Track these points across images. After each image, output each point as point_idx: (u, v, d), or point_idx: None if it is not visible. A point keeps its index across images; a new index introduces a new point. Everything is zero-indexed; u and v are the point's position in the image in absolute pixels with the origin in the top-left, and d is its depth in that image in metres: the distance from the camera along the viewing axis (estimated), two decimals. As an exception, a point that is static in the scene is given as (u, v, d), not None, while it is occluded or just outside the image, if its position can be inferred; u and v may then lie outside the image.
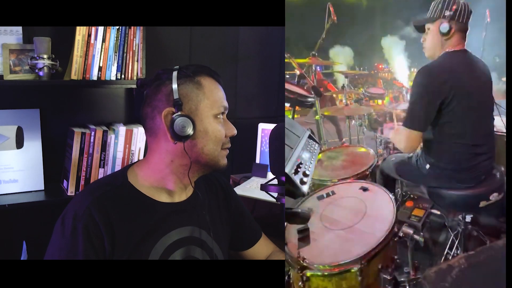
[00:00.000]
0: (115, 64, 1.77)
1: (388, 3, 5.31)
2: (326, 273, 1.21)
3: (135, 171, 1.12)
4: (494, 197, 1.56)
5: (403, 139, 1.59)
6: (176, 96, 1.04)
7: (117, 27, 1.75)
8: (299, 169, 1.02)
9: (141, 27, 1.80)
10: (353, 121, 3.15)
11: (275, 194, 1.05)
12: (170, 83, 1.06)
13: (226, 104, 1.12)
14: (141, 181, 1.10)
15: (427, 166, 1.64)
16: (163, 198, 1.11)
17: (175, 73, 1.07)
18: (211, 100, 1.08)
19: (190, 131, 1.04)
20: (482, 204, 1.56)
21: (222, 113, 1.12)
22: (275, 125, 1.10)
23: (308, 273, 1.22)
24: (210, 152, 1.09)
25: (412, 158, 1.75)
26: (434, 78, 1.52)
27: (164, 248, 1.07)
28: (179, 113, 1.04)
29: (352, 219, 1.41)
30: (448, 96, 1.49)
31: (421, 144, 1.68)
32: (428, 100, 1.52)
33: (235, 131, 1.14)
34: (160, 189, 1.11)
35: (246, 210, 1.37)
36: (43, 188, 1.76)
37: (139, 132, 1.80)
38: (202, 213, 1.17)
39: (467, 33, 1.61)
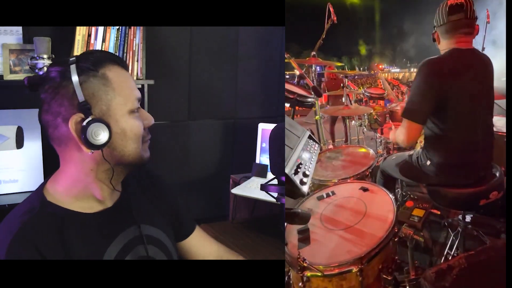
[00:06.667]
0: (115, 64, 1.77)
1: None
2: (326, 274, 1.21)
3: (52, 189, 0.97)
4: (494, 195, 1.56)
5: (402, 131, 1.58)
6: (81, 98, 0.88)
7: (117, 27, 1.75)
8: (299, 170, 1.02)
9: (141, 27, 1.80)
10: (353, 121, 3.16)
11: (275, 194, 1.04)
12: (69, 83, 0.89)
13: (139, 94, 0.98)
14: (62, 197, 0.95)
15: (428, 162, 1.64)
16: (94, 207, 0.98)
17: (73, 68, 0.89)
18: (123, 95, 0.94)
19: (106, 138, 0.90)
20: (482, 202, 1.56)
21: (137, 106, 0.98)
22: (275, 125, 1.10)
23: (308, 274, 1.22)
24: (131, 152, 0.96)
25: (412, 157, 1.75)
26: (437, 72, 1.51)
27: (113, 257, 0.97)
28: (89, 118, 0.89)
29: (352, 219, 1.41)
30: (449, 93, 1.49)
31: (422, 142, 1.67)
32: (428, 92, 1.51)
33: (152, 120, 1.01)
34: (87, 199, 0.97)
35: (178, 199, 1.26)
36: (43, 188, 1.76)
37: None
38: (138, 210, 1.06)
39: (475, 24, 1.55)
